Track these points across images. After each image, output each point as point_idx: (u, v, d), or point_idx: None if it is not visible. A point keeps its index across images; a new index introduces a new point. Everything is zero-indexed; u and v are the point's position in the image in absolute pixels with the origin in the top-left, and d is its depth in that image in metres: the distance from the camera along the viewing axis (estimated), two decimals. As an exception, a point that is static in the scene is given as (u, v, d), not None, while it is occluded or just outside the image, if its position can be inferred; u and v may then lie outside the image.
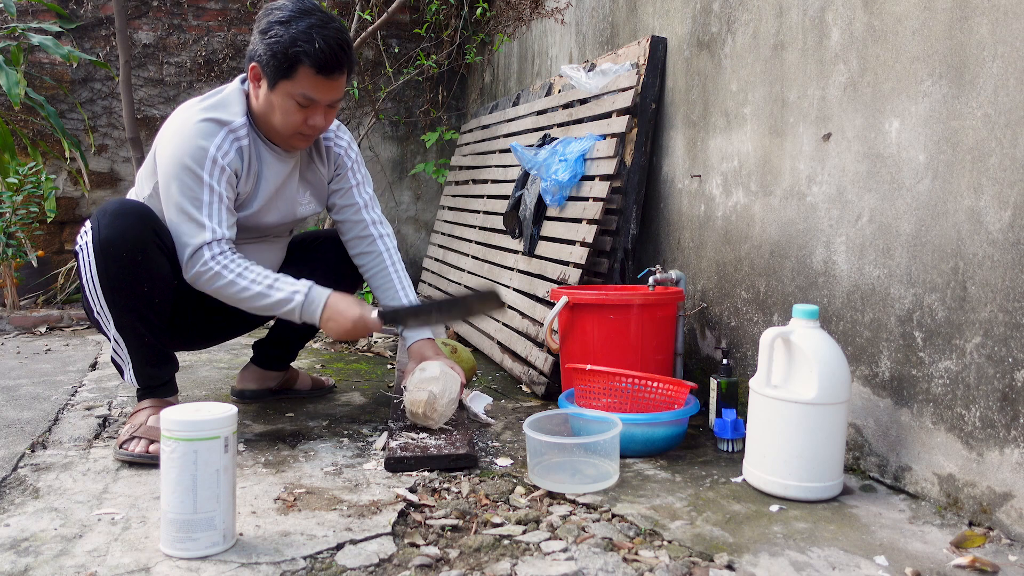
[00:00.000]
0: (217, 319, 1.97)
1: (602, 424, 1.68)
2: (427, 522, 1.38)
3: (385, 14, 3.79)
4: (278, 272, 2.09)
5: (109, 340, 1.79)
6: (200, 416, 1.23)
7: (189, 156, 1.68)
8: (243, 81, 1.80)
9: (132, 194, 1.92)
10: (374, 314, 1.77)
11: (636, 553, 1.27)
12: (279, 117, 1.73)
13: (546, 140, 2.86)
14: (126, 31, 3.74)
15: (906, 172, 1.53)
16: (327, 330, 1.76)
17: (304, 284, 1.75)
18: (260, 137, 1.80)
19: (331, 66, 1.67)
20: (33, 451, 1.76)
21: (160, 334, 1.77)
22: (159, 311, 1.74)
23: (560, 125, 2.87)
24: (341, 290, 2.15)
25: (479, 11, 4.10)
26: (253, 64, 1.72)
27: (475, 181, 3.72)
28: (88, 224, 1.71)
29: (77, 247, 1.73)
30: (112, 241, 1.65)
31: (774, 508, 1.47)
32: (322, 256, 2.11)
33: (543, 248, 2.64)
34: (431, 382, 1.79)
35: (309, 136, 1.79)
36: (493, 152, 3.56)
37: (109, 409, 2.12)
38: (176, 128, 1.72)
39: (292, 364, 2.32)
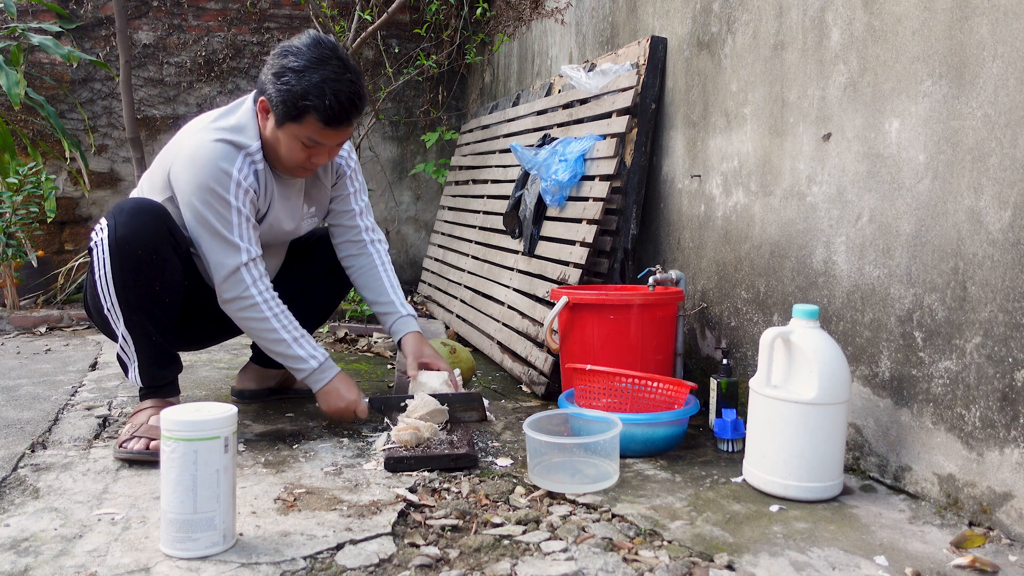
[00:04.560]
0: (223, 320, 1.98)
1: (602, 424, 1.68)
2: (427, 522, 1.38)
3: (385, 14, 3.79)
4: (277, 273, 2.12)
5: (116, 339, 1.79)
6: (200, 416, 1.23)
7: (214, 179, 1.70)
8: (255, 102, 1.80)
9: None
10: (365, 400, 1.87)
11: (636, 553, 1.27)
12: (284, 152, 1.75)
13: (546, 140, 2.86)
14: (126, 31, 3.74)
15: (906, 172, 1.53)
16: (321, 400, 1.85)
17: (323, 354, 1.83)
18: (268, 161, 1.83)
19: (339, 121, 1.69)
20: (33, 451, 1.76)
21: (168, 334, 1.78)
22: (169, 310, 1.75)
23: (560, 125, 2.86)
24: (341, 285, 2.18)
25: (479, 11, 4.10)
26: (262, 99, 1.73)
27: (475, 181, 3.72)
28: (104, 221, 1.71)
29: (92, 243, 1.73)
30: (128, 238, 1.66)
31: (774, 508, 1.47)
32: (322, 252, 2.13)
33: (543, 248, 2.64)
34: (417, 416, 1.81)
35: (310, 170, 1.82)
36: (493, 152, 3.56)
37: (109, 409, 2.12)
38: (195, 150, 1.73)
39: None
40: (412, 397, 1.86)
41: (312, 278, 2.14)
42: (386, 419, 1.86)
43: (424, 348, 2.00)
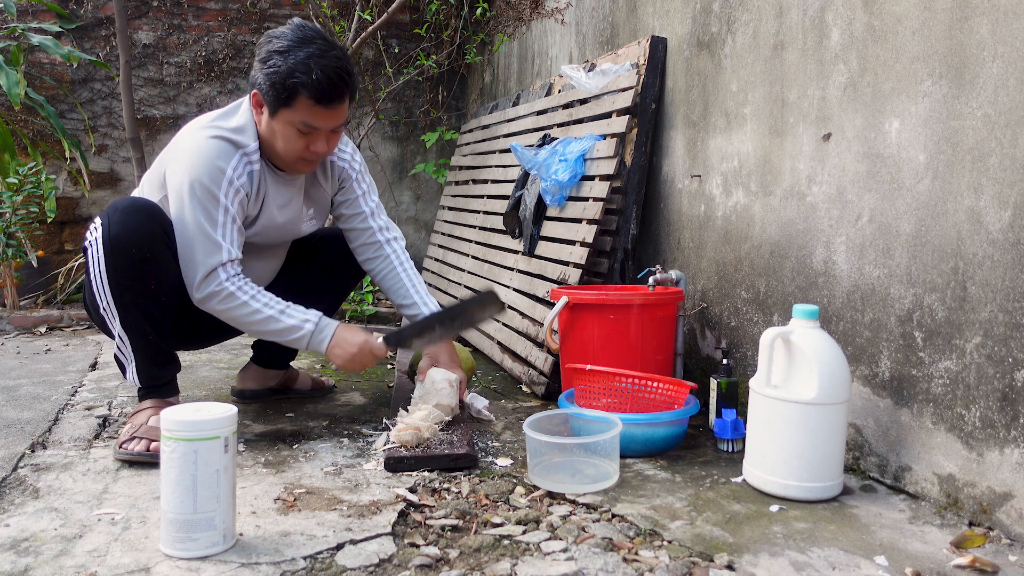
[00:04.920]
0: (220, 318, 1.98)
1: (602, 424, 1.67)
2: (427, 522, 1.38)
3: (385, 14, 3.80)
4: (279, 273, 2.11)
5: (113, 338, 1.79)
6: (200, 416, 1.23)
7: (207, 175, 1.69)
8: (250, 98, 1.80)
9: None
10: (379, 339, 1.79)
11: (636, 553, 1.27)
12: (281, 143, 1.74)
13: (546, 140, 2.86)
14: (126, 31, 3.74)
15: (906, 172, 1.53)
16: (333, 358, 1.78)
17: (314, 314, 1.77)
18: (267, 161, 1.82)
19: (330, 96, 1.68)
20: (33, 451, 1.76)
21: (164, 333, 1.78)
22: (165, 309, 1.75)
23: (560, 125, 2.86)
24: (342, 286, 2.18)
25: (479, 11, 4.10)
26: (254, 91, 1.73)
27: (475, 181, 3.72)
28: (98, 220, 1.72)
29: (86, 243, 1.74)
30: (122, 238, 1.66)
31: (774, 508, 1.47)
32: (322, 253, 2.13)
33: (543, 248, 2.64)
34: (417, 415, 1.80)
35: (312, 161, 1.80)
36: (493, 152, 3.56)
37: (109, 409, 2.12)
38: (192, 145, 1.73)
39: (292, 364, 2.32)
40: (430, 326, 1.82)
41: (314, 279, 2.14)
42: (384, 420, 1.85)
43: (440, 353, 2.00)
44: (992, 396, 1.36)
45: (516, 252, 2.87)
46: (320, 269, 2.14)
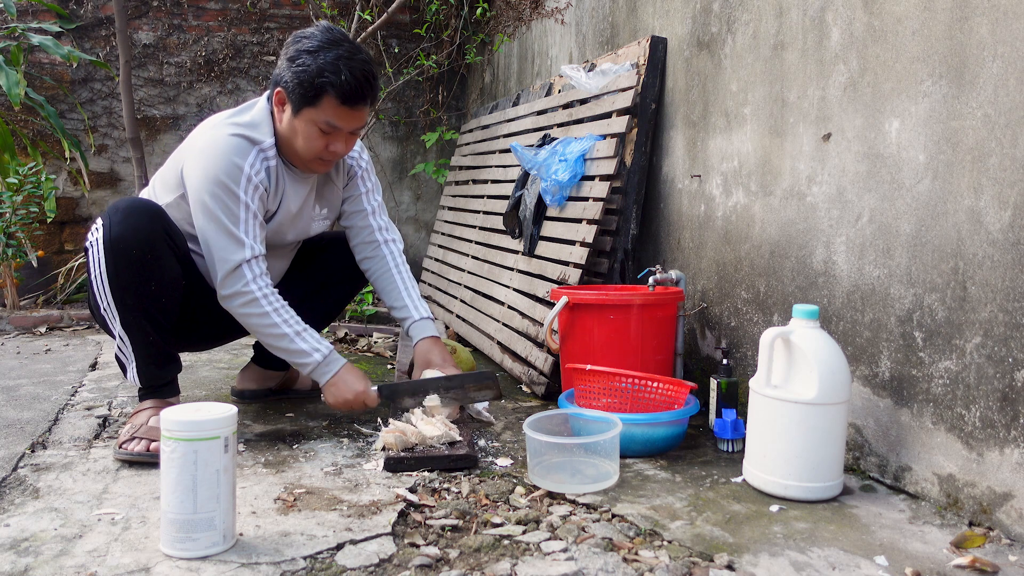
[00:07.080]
0: (224, 321, 1.98)
1: (602, 424, 1.68)
2: (427, 522, 1.38)
3: (385, 14, 3.80)
4: (290, 273, 2.11)
5: (114, 338, 1.79)
6: (200, 416, 1.23)
7: (224, 173, 1.71)
8: (269, 100, 1.81)
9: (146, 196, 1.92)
10: (373, 389, 1.83)
11: (636, 553, 1.27)
12: (301, 142, 1.76)
13: (546, 140, 2.86)
14: (126, 31, 3.74)
15: (906, 172, 1.53)
16: (327, 395, 1.82)
17: (326, 346, 1.81)
18: (283, 159, 1.83)
19: (355, 98, 1.71)
20: (33, 451, 1.76)
21: (166, 334, 1.78)
22: (166, 311, 1.75)
23: (560, 125, 2.86)
24: (345, 291, 2.18)
25: (479, 11, 4.10)
26: (278, 89, 1.74)
27: (475, 181, 3.72)
28: (99, 220, 1.72)
29: (87, 243, 1.74)
30: (122, 238, 1.66)
31: (774, 508, 1.47)
32: (328, 257, 2.13)
33: (543, 248, 2.64)
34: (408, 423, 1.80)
35: (329, 161, 1.82)
36: (493, 152, 3.56)
37: (109, 409, 2.12)
38: (208, 143, 1.74)
39: (292, 364, 2.32)
40: (424, 389, 1.83)
41: (324, 281, 2.14)
42: (379, 419, 1.85)
43: (432, 355, 1.98)
44: (992, 396, 1.36)
45: (516, 252, 2.87)
46: (332, 271, 2.14)
